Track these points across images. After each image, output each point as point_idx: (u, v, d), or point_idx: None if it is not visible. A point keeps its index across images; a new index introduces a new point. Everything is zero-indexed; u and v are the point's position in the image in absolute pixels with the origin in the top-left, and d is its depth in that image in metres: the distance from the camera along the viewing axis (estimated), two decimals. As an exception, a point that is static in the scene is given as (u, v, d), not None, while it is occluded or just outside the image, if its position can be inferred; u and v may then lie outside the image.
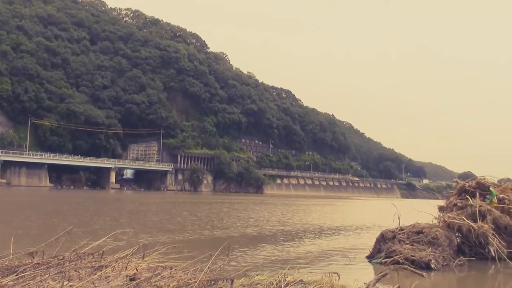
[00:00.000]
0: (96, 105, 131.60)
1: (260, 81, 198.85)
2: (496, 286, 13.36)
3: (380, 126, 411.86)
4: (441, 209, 18.60)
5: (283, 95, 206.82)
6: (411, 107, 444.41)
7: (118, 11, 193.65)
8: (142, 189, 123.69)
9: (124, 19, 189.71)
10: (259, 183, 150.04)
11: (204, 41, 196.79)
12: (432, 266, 13.93)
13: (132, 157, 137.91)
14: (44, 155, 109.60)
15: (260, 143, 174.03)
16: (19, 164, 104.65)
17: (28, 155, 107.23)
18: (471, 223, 16.49)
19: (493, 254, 15.70)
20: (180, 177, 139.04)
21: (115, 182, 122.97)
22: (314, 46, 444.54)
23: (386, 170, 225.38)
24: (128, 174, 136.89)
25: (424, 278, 9.36)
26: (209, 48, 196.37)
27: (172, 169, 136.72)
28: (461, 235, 16.65)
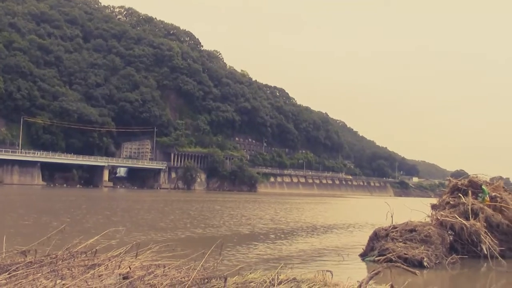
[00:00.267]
0: (89, 103, 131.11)
1: (253, 79, 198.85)
2: (488, 283, 13.43)
3: (374, 124, 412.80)
4: (433, 207, 18.69)
5: (277, 93, 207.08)
6: (404, 106, 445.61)
7: (112, 8, 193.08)
8: (135, 188, 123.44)
9: (118, 17, 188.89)
10: (253, 182, 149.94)
11: (197, 39, 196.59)
12: (425, 264, 14.00)
13: (126, 155, 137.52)
14: (37, 153, 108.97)
15: (253, 141, 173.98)
16: (12, 162, 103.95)
17: (21, 153, 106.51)
18: (464, 221, 16.58)
19: (486, 252, 15.79)
20: (173, 175, 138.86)
21: (108, 180, 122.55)
22: (309, 44, 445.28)
23: (379, 169, 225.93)
24: (122, 172, 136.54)
25: (417, 276, 9.38)
26: (202, 46, 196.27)
27: (166, 167, 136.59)
28: (453, 233, 16.75)
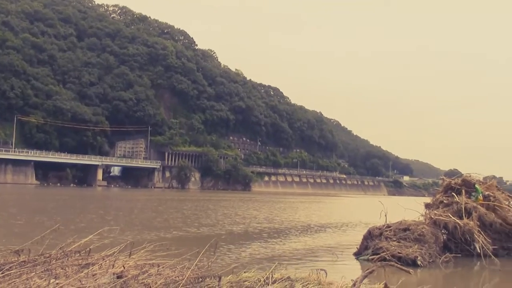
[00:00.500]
0: (83, 102, 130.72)
1: (248, 78, 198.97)
2: (481, 282, 13.48)
3: (368, 124, 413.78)
4: (427, 206, 18.74)
5: (271, 92, 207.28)
6: (399, 106, 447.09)
7: (106, 7, 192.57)
8: (129, 187, 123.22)
9: (112, 15, 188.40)
10: (247, 181, 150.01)
11: (192, 38, 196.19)
12: (419, 262, 14.04)
13: (120, 154, 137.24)
14: (30, 152, 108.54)
15: (248, 140, 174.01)
16: (5, 161, 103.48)
17: (14, 152, 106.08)
18: (457, 220, 16.64)
19: (479, 251, 15.85)
20: (167, 174, 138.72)
21: (102, 180, 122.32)
22: (305, 44, 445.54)
23: (373, 168, 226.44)
24: (115, 171, 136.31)
25: (410, 275, 9.41)
26: (197, 45, 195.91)
27: (160, 166, 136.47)
28: (447, 232, 16.80)
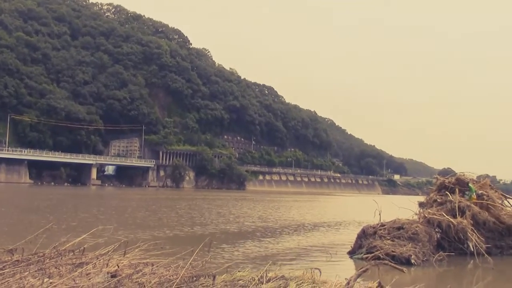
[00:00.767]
0: (77, 101, 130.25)
1: (242, 77, 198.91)
2: (474, 280, 13.54)
3: (362, 122, 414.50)
4: (421, 205, 18.81)
5: (266, 91, 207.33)
6: (392, 104, 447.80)
7: (100, 6, 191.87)
8: (123, 186, 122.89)
9: (106, 14, 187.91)
10: (241, 180, 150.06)
11: (186, 37, 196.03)
12: (412, 261, 14.10)
13: (114, 153, 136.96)
14: (24, 151, 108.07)
15: (242, 139, 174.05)
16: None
17: (8, 151, 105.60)
18: (451, 219, 16.71)
19: (472, 249, 15.92)
20: (162, 173, 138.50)
21: (96, 179, 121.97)
22: (298, 42, 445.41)
23: (367, 167, 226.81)
24: (110, 170, 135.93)
25: (404, 273, 9.46)
26: (191, 44, 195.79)
27: (154, 165, 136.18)
28: (440, 231, 16.87)
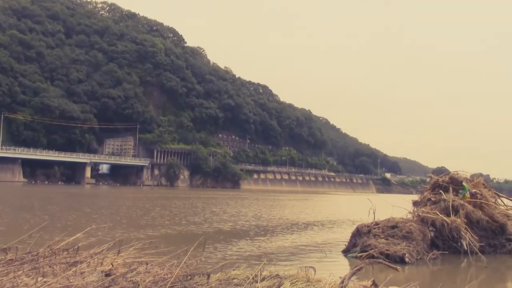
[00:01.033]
0: (71, 100, 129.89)
1: (237, 76, 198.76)
2: (468, 279, 13.60)
3: (356, 122, 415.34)
4: (415, 203, 18.84)
5: (260, 90, 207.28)
6: (387, 104, 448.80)
7: (94, 4, 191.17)
8: (118, 184, 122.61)
9: (100, 12, 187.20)
10: (236, 178, 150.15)
11: (181, 35, 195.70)
12: (407, 260, 14.14)
13: (108, 152, 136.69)
14: (18, 149, 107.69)
15: (237, 138, 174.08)
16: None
17: (1, 149, 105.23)
18: (445, 218, 16.76)
19: (466, 248, 15.97)
20: (156, 172, 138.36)
21: (91, 177, 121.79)
22: (293, 40, 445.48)
23: (361, 165, 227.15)
24: (104, 169, 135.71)
25: (398, 272, 9.48)
26: (186, 42, 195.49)
27: (149, 164, 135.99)
28: (434, 229, 16.93)
